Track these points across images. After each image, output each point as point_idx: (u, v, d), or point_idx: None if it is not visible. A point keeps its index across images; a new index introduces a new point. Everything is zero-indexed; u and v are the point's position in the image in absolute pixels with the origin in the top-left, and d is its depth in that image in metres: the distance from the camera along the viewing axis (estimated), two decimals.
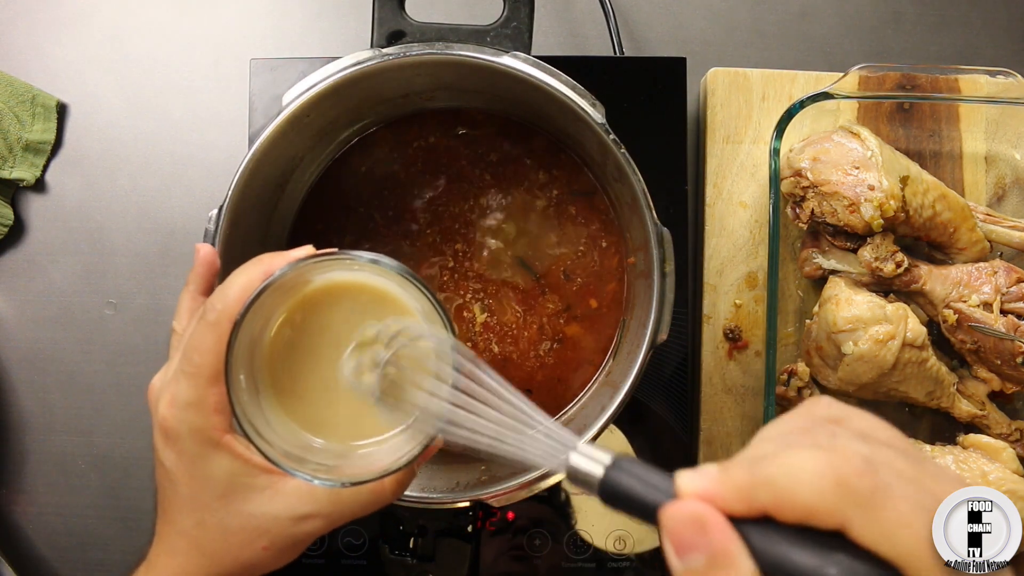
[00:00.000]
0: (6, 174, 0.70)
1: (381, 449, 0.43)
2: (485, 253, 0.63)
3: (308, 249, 0.43)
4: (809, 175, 0.63)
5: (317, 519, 0.43)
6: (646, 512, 0.30)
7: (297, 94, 0.54)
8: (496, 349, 0.62)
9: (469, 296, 0.63)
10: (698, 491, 0.29)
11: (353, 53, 0.54)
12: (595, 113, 0.54)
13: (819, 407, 0.33)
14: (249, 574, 0.45)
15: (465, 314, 0.63)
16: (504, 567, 0.64)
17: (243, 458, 0.42)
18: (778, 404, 0.65)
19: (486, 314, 0.63)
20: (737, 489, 0.29)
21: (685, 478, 0.30)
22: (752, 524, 0.28)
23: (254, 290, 0.40)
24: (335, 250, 0.42)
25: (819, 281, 0.67)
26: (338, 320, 0.43)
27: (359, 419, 0.44)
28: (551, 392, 0.62)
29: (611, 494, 0.31)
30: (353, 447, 0.44)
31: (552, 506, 0.64)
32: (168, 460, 0.43)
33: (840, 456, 0.28)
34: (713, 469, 0.30)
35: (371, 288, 0.43)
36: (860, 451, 0.28)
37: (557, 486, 0.56)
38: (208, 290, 0.48)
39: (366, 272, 0.43)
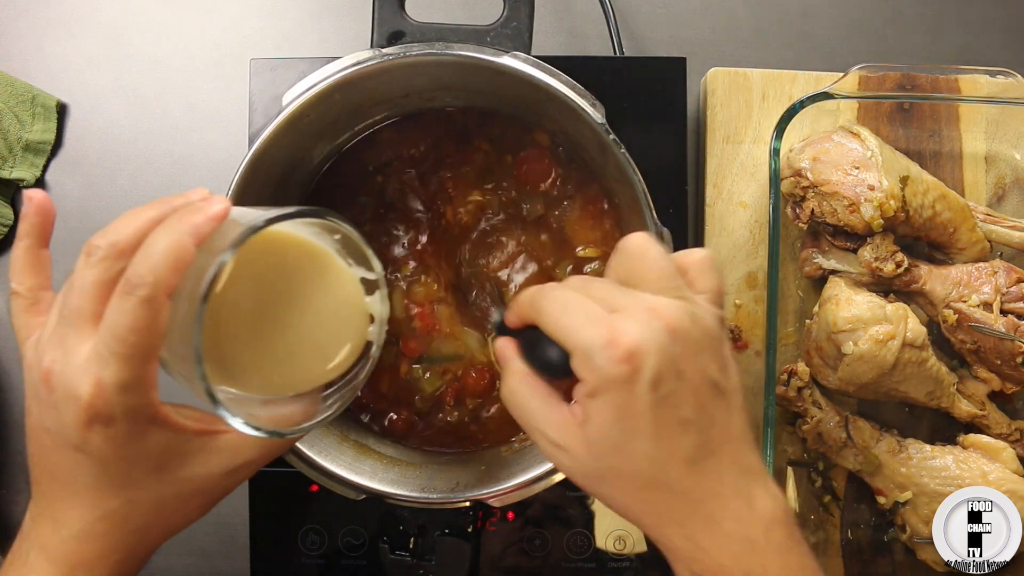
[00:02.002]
0: (6, 174, 0.70)
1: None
2: (486, 252, 0.63)
3: (222, 200, 0.40)
4: (809, 175, 0.63)
5: (250, 466, 0.45)
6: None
7: (297, 94, 0.54)
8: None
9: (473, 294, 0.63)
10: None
11: (353, 53, 0.54)
12: (595, 113, 0.54)
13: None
14: (170, 535, 0.45)
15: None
16: (504, 567, 0.64)
17: (179, 427, 0.42)
18: (778, 404, 0.65)
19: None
20: (511, 316, 0.46)
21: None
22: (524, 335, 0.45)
23: (210, 265, 0.37)
24: (284, 209, 0.40)
25: (819, 281, 0.67)
26: (264, 272, 0.43)
27: (291, 361, 0.44)
28: None
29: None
30: (281, 392, 0.44)
31: (552, 506, 0.64)
32: (93, 444, 0.41)
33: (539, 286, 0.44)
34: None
35: (289, 237, 0.44)
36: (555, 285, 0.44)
37: (558, 486, 0.56)
38: (46, 242, 0.45)
39: (287, 225, 0.43)
